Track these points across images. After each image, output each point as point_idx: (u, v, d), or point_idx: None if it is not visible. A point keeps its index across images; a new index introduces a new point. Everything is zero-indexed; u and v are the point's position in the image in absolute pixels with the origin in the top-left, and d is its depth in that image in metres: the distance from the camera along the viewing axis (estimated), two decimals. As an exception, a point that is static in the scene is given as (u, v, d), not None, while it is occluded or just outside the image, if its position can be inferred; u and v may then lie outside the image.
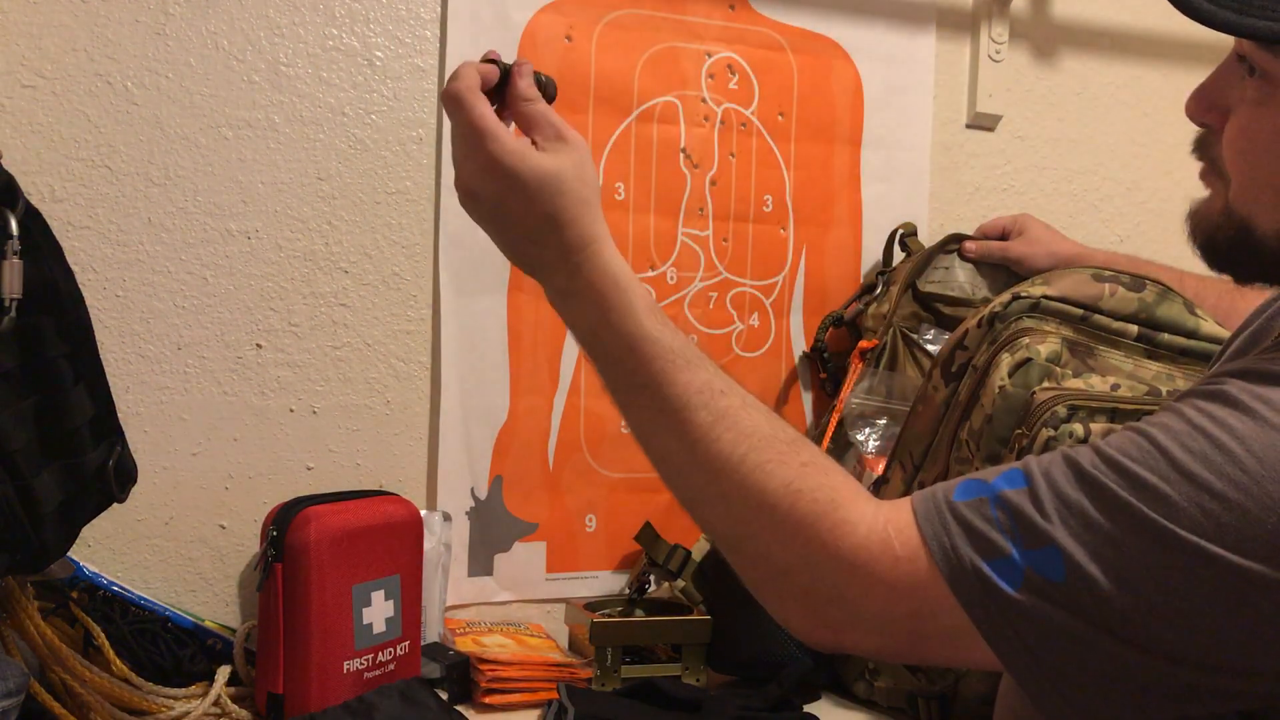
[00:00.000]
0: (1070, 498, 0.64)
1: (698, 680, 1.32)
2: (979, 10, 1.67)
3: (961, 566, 0.64)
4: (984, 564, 0.64)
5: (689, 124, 1.51)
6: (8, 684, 0.95)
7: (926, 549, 0.65)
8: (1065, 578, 0.62)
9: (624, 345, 0.75)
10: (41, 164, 1.25)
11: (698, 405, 0.73)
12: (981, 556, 0.64)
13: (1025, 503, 0.64)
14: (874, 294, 1.49)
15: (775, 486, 0.69)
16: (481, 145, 0.77)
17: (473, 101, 0.77)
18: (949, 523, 0.66)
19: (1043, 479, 0.65)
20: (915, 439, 1.26)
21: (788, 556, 0.69)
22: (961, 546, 0.65)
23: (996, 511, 0.65)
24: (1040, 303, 1.16)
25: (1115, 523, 0.62)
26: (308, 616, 1.15)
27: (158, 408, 1.30)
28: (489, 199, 0.79)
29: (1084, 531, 0.62)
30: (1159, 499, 0.62)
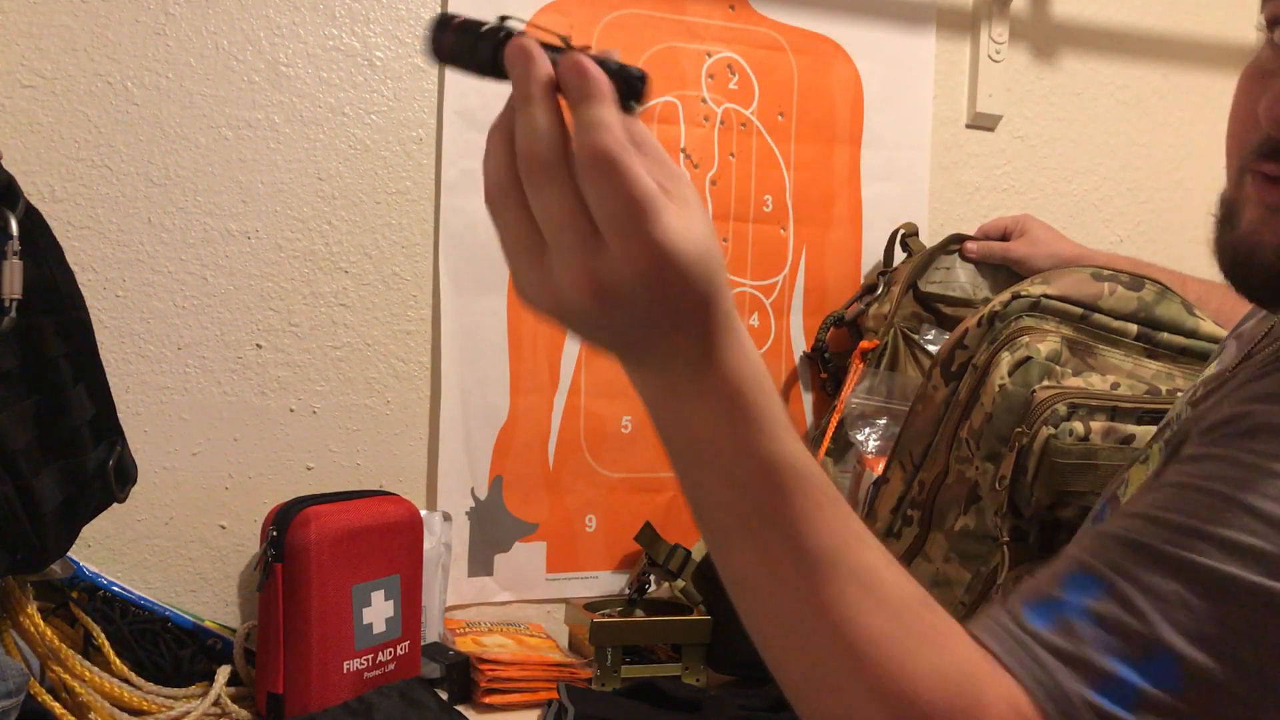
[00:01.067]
0: (1163, 589, 0.55)
1: (698, 680, 1.32)
2: (979, 10, 1.67)
3: (1070, 703, 0.54)
4: (1092, 694, 0.54)
5: (689, 124, 1.51)
6: (8, 684, 0.95)
7: (1028, 693, 0.55)
8: (1183, 684, 0.54)
9: (756, 469, 0.57)
10: (41, 164, 1.25)
11: (847, 568, 0.57)
12: (1088, 686, 0.55)
13: (1115, 610, 0.55)
14: (875, 294, 1.49)
15: (924, 671, 0.56)
16: (640, 226, 0.53)
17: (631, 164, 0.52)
18: (1041, 656, 0.56)
19: (1120, 577, 0.56)
20: (915, 438, 1.26)
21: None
22: (1064, 681, 0.55)
23: (1087, 630, 0.56)
24: (1040, 302, 1.16)
25: (1223, 601, 0.54)
26: (308, 616, 1.15)
27: (158, 408, 1.30)
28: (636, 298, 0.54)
29: (1190, 622, 0.54)
30: (1259, 557, 0.54)
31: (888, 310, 1.46)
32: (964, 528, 1.16)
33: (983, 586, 1.13)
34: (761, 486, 0.57)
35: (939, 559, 1.20)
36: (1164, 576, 0.55)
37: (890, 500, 1.28)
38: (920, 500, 1.23)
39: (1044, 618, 0.57)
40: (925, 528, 1.22)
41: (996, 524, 1.12)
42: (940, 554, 1.20)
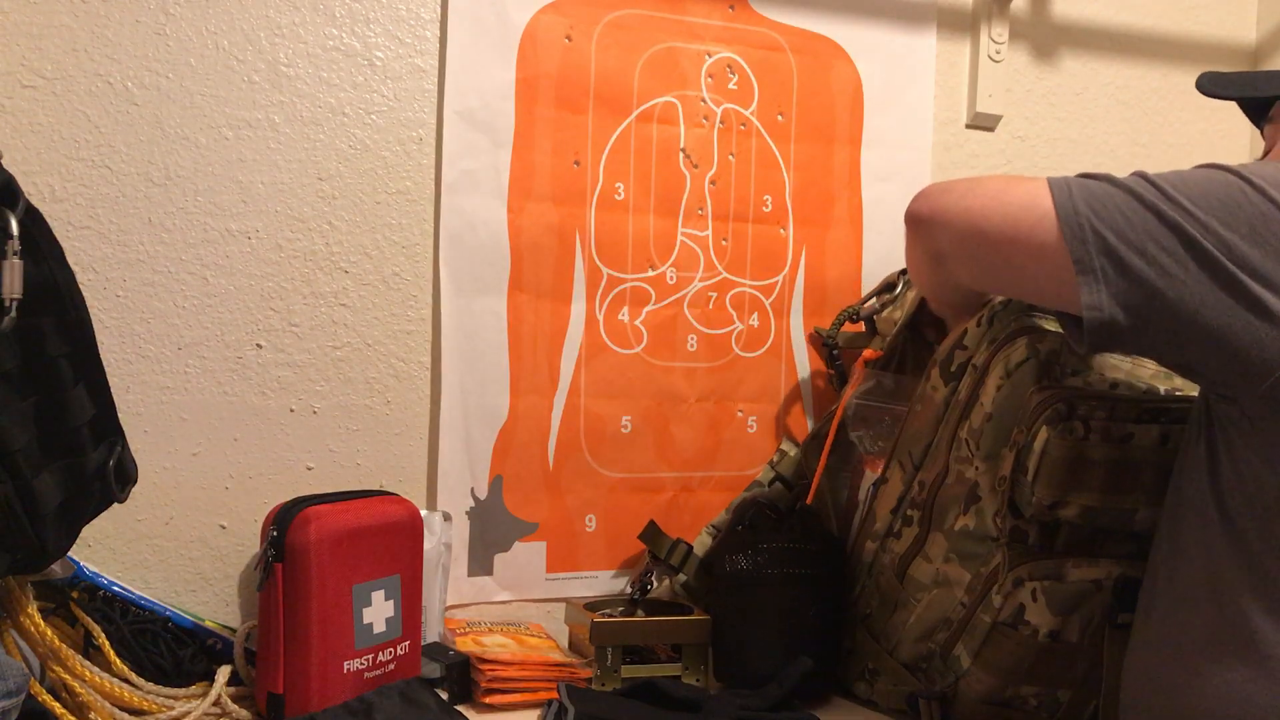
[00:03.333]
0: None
1: (698, 680, 1.32)
2: (979, 10, 1.67)
3: (1064, 182, 0.92)
4: (1080, 176, 0.92)
5: (689, 124, 1.51)
6: (8, 684, 0.95)
7: (1049, 187, 0.92)
8: (1144, 179, 0.91)
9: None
10: (41, 164, 1.25)
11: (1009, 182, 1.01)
12: (1080, 176, 0.92)
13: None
14: (893, 293, 1.48)
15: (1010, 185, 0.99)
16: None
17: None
18: (1069, 176, 0.94)
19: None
20: (915, 438, 1.26)
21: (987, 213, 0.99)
22: (1070, 178, 0.93)
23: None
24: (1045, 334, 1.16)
25: (1198, 173, 0.92)
26: (308, 616, 1.15)
27: (158, 408, 1.30)
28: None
29: (1168, 174, 0.91)
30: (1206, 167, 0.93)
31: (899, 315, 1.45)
32: (964, 528, 1.16)
33: (983, 586, 1.13)
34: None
35: (939, 559, 1.20)
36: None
37: (890, 500, 1.28)
38: (920, 500, 1.23)
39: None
40: (925, 528, 1.22)
41: (996, 524, 1.12)
42: (940, 554, 1.20)
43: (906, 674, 1.24)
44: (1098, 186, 0.91)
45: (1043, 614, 1.08)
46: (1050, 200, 0.91)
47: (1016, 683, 1.13)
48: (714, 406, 1.55)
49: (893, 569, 1.26)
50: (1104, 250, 0.88)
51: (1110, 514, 1.05)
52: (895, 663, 1.25)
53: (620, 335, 1.49)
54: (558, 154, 1.45)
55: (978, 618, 1.13)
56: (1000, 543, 1.11)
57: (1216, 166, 0.91)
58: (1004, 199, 0.95)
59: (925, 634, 1.21)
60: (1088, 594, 1.07)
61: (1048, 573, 1.08)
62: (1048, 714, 1.15)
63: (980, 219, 0.97)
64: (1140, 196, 0.89)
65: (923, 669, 1.22)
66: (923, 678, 1.22)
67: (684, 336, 1.53)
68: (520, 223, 1.43)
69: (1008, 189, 0.96)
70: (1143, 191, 0.89)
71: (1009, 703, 1.15)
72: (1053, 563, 1.08)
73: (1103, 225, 0.89)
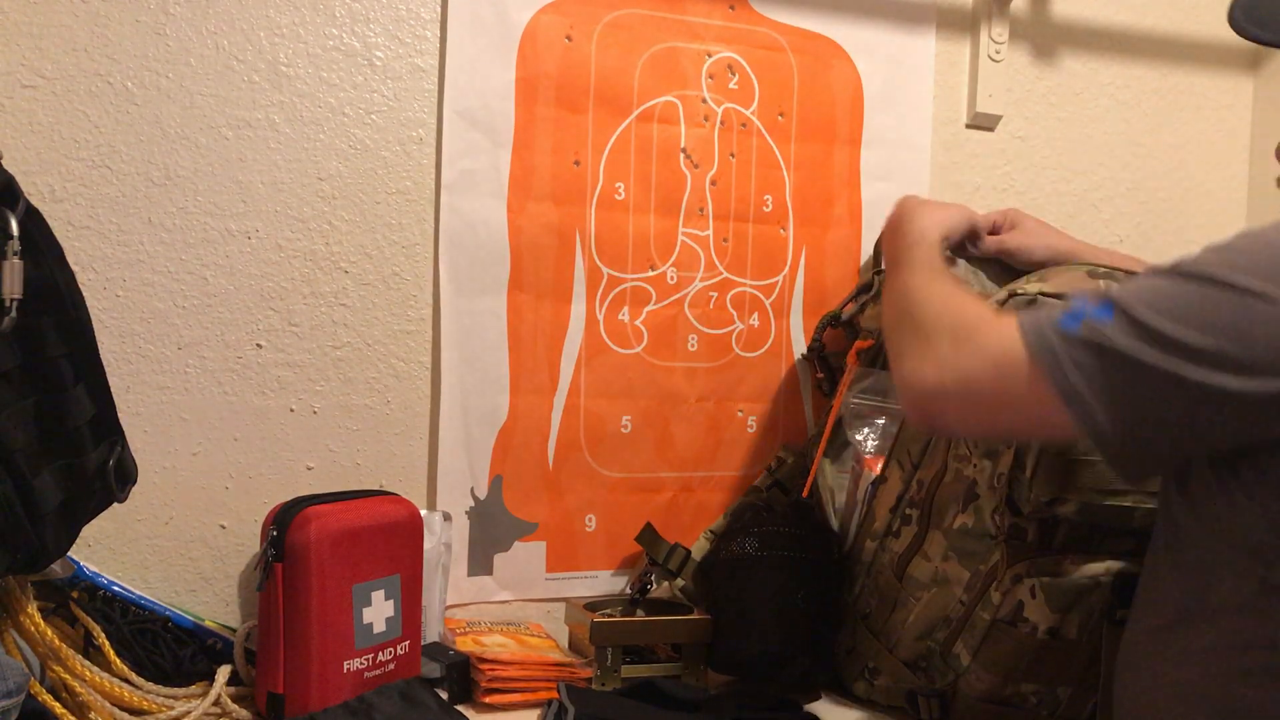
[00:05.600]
0: (1139, 278, 0.87)
1: (698, 680, 1.32)
2: (979, 10, 1.67)
3: (1038, 326, 0.87)
4: (1057, 320, 0.86)
5: (689, 124, 1.51)
6: (8, 684, 0.95)
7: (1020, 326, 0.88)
8: (1115, 316, 0.83)
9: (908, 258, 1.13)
10: (41, 164, 1.25)
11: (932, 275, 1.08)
12: (1056, 318, 0.86)
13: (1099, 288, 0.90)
14: (870, 293, 1.49)
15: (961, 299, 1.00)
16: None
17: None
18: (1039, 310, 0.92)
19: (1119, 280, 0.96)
20: (913, 437, 1.26)
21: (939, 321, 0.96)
22: (1041, 317, 0.87)
23: (1078, 297, 0.87)
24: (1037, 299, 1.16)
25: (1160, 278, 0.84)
26: (308, 616, 1.15)
27: (158, 408, 1.30)
28: (918, 203, 1.26)
29: (1134, 289, 0.84)
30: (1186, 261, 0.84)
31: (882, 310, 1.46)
32: (962, 526, 1.16)
33: (981, 584, 1.13)
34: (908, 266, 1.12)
35: (938, 557, 1.20)
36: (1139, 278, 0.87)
37: (889, 499, 1.28)
38: (919, 499, 1.23)
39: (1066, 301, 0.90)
40: (924, 526, 1.22)
41: (995, 522, 1.12)
42: (939, 552, 1.20)
43: (906, 672, 1.24)
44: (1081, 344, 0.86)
45: (1042, 611, 1.08)
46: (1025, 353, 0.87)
47: (1016, 680, 1.13)
48: (714, 406, 1.55)
49: (892, 568, 1.26)
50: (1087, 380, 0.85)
51: (1109, 511, 1.05)
52: (895, 661, 1.25)
53: (620, 335, 1.49)
54: (558, 154, 1.45)
55: (977, 615, 1.14)
56: (999, 540, 1.11)
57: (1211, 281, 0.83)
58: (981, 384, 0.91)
59: (925, 632, 1.21)
60: (1086, 591, 1.07)
61: (1046, 570, 1.08)
62: (1047, 711, 1.15)
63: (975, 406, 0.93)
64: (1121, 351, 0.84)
65: (922, 667, 1.22)
66: (922, 676, 1.23)
67: (684, 336, 1.53)
68: (520, 223, 1.43)
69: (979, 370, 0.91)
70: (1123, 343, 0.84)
71: (1009, 700, 1.15)
72: (1051, 560, 1.08)
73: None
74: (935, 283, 1.05)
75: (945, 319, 0.96)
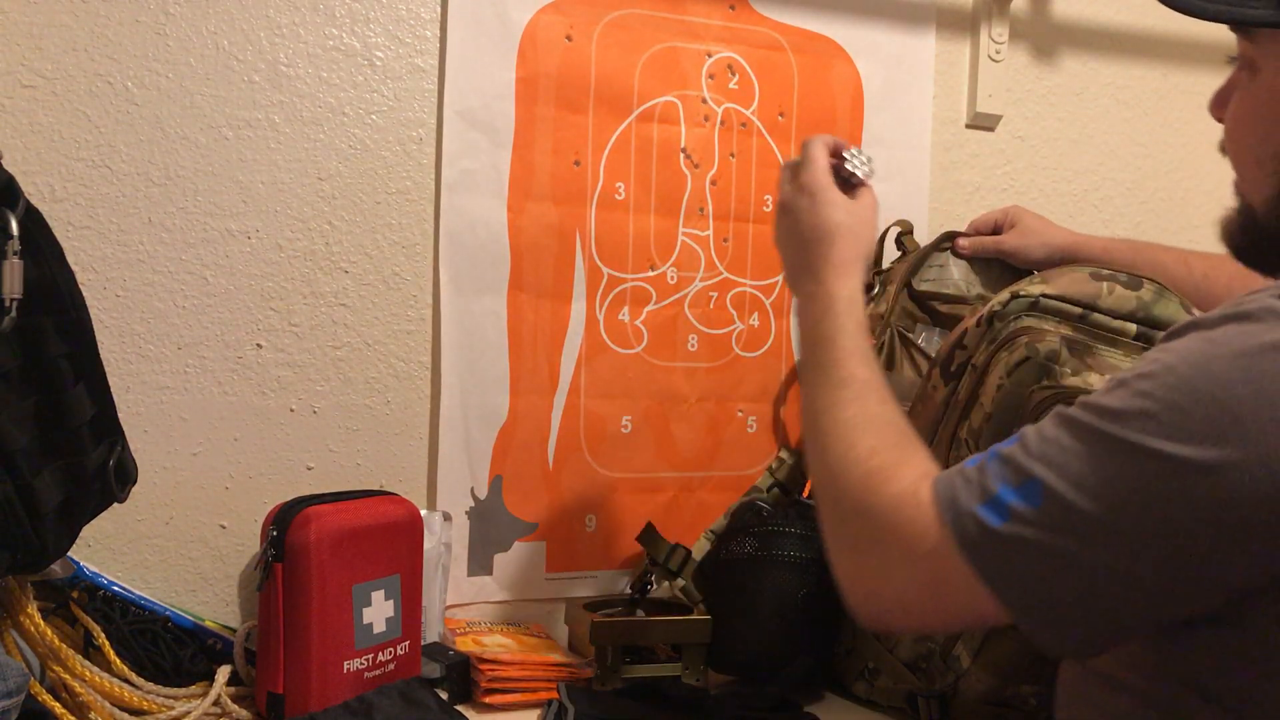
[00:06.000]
0: (1049, 434, 0.72)
1: (698, 680, 1.32)
2: (979, 10, 1.67)
3: (959, 513, 0.73)
4: (977, 507, 0.72)
5: (689, 124, 1.51)
6: (8, 684, 0.95)
7: (936, 503, 0.75)
8: (1044, 503, 0.70)
9: (827, 336, 0.94)
10: (41, 164, 1.25)
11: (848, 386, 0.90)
12: (976, 502, 0.73)
13: (1015, 451, 0.73)
14: (870, 294, 1.49)
15: (865, 444, 0.84)
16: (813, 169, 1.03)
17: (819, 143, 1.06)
18: (955, 481, 0.75)
19: (1032, 430, 0.74)
20: (915, 438, 1.26)
21: (851, 502, 0.82)
22: (960, 497, 0.74)
23: (992, 465, 0.74)
24: (1039, 301, 1.16)
25: (1082, 443, 0.70)
26: (308, 616, 1.15)
27: (158, 408, 1.30)
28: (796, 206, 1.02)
29: (1059, 457, 0.70)
30: (1109, 413, 0.70)
31: (884, 310, 1.46)
32: (963, 527, 1.16)
33: (982, 586, 1.13)
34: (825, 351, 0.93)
35: (939, 559, 1.20)
36: (1056, 427, 0.73)
37: (890, 500, 1.28)
38: (920, 500, 1.23)
39: (974, 460, 0.76)
40: (925, 528, 1.22)
41: (996, 524, 1.12)
42: (940, 554, 1.19)
43: (906, 673, 1.24)
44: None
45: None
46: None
47: (1016, 682, 1.13)
48: (714, 406, 1.55)
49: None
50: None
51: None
52: (895, 662, 1.25)
53: (620, 335, 1.49)
54: (558, 154, 1.45)
55: (977, 617, 1.13)
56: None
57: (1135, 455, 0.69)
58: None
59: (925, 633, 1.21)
60: (1087, 594, 1.07)
61: (1047, 573, 1.07)
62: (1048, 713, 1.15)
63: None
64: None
65: (922, 668, 1.22)
66: (922, 677, 1.22)
67: (684, 336, 1.53)
68: (520, 222, 1.43)
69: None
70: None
71: (1009, 702, 1.15)
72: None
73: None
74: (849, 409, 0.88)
75: (862, 501, 0.80)
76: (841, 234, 1.00)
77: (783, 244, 1.04)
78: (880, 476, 0.80)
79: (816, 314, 0.96)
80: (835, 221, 1.00)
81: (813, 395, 0.93)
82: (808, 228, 1.01)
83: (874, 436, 0.85)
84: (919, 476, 0.78)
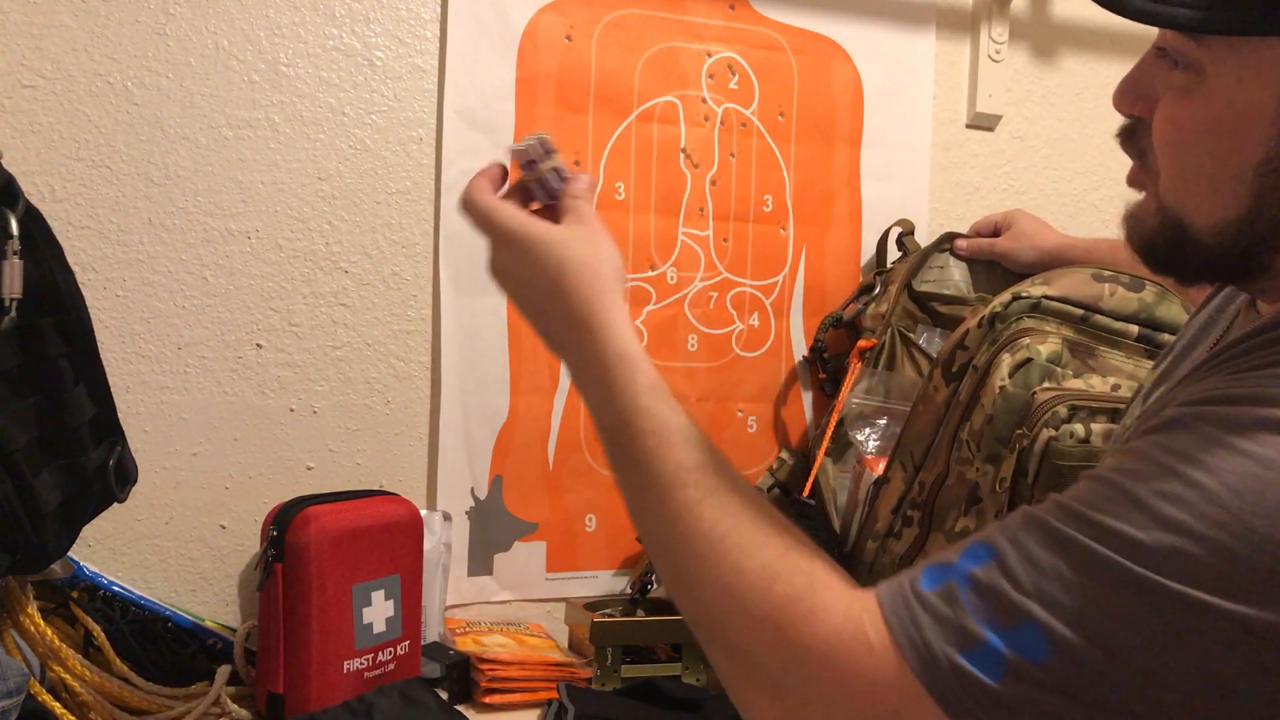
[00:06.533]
0: (1043, 562, 0.56)
1: (698, 680, 1.32)
2: (979, 10, 1.67)
3: (936, 664, 0.56)
4: (960, 657, 0.56)
5: (689, 124, 1.51)
6: (8, 684, 0.95)
7: (896, 646, 0.57)
8: (1049, 656, 0.55)
9: (620, 419, 0.72)
10: (41, 164, 1.25)
11: (686, 482, 0.68)
12: (957, 649, 0.56)
13: (996, 578, 0.57)
14: (872, 294, 1.49)
15: (752, 567, 0.63)
16: (489, 220, 0.80)
17: (475, 187, 0.83)
18: (918, 614, 0.58)
19: (1011, 547, 0.58)
20: (916, 439, 1.26)
21: (760, 646, 0.62)
22: (934, 641, 0.57)
23: (966, 594, 0.57)
24: (1041, 303, 1.16)
25: (1094, 580, 0.55)
26: (308, 616, 1.15)
27: (158, 408, 1.30)
28: (503, 269, 0.81)
29: (1062, 596, 0.55)
30: (1134, 546, 0.55)
31: (885, 310, 1.46)
32: (964, 529, 1.16)
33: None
34: (624, 432, 0.72)
35: (939, 559, 1.20)
36: (1048, 551, 0.56)
37: (891, 500, 1.28)
38: (921, 501, 1.23)
39: (933, 580, 0.59)
40: (926, 528, 1.22)
41: (997, 525, 1.12)
42: (940, 554, 1.19)
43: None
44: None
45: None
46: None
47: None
48: (714, 406, 1.55)
49: (893, 569, 1.26)
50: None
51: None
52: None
53: (620, 335, 1.49)
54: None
55: (978, 618, 1.13)
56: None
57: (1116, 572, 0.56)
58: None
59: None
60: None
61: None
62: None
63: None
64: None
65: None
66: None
67: (684, 336, 1.53)
68: (520, 223, 1.43)
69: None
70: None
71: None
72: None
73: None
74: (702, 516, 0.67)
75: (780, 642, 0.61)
76: (568, 275, 0.75)
77: (522, 312, 0.82)
78: (796, 610, 0.61)
79: (594, 390, 0.74)
80: (555, 262, 0.76)
81: (641, 502, 0.70)
82: (526, 286, 0.79)
83: (759, 551, 0.64)
84: (847, 603, 0.60)
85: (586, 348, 0.75)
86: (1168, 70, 0.68)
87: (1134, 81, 0.75)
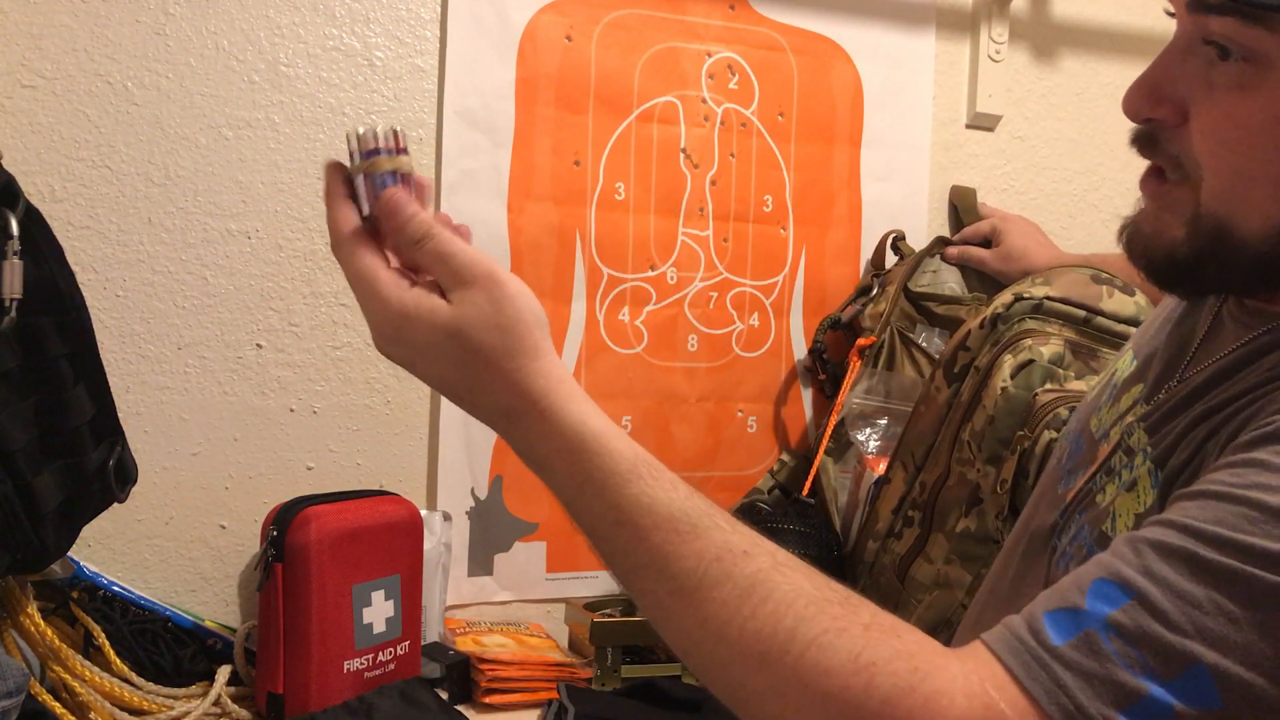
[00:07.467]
0: (1196, 596, 0.51)
1: (698, 680, 1.32)
2: (979, 10, 1.66)
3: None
4: (1121, 717, 0.50)
5: (689, 124, 1.51)
6: (8, 684, 0.95)
7: (1042, 713, 0.51)
8: (1222, 700, 0.49)
9: (610, 520, 0.61)
10: (41, 164, 1.25)
11: (718, 578, 0.57)
12: (1116, 708, 0.50)
13: (1144, 620, 0.51)
14: (870, 295, 1.49)
15: (841, 663, 0.54)
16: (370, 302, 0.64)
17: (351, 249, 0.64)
18: (1059, 675, 0.51)
19: (1150, 584, 0.52)
20: (917, 439, 1.26)
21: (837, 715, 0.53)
22: (1087, 704, 0.50)
23: (1112, 643, 0.51)
24: (1043, 304, 1.16)
25: (1260, 610, 0.50)
26: (308, 616, 1.15)
27: (158, 408, 1.30)
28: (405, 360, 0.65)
29: (1229, 632, 0.50)
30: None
31: (884, 309, 1.47)
32: (965, 529, 1.17)
33: (983, 588, 1.13)
34: (620, 534, 0.60)
35: (940, 560, 1.20)
36: (1199, 584, 0.51)
37: (892, 500, 1.28)
38: (922, 501, 1.23)
39: (1063, 631, 0.53)
40: (926, 529, 1.22)
41: (998, 526, 1.12)
42: (941, 555, 1.20)
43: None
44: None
45: (1043, 615, 1.07)
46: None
47: (1017, 684, 1.13)
48: (714, 406, 1.55)
49: (893, 569, 1.26)
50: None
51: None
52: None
53: (620, 335, 1.49)
54: (558, 154, 1.45)
55: (978, 619, 1.13)
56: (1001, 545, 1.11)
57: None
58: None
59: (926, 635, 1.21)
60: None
61: (1048, 575, 1.07)
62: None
63: None
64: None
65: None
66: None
67: (684, 336, 1.52)
68: (520, 223, 1.43)
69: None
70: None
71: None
72: (1053, 565, 1.07)
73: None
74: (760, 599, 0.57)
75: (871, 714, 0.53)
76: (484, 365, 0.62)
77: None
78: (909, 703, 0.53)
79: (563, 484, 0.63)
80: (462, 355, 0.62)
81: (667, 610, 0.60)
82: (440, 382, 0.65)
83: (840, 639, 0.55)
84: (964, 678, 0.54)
85: (538, 442, 0.62)
86: (1207, 66, 0.64)
87: (1153, 83, 0.70)
